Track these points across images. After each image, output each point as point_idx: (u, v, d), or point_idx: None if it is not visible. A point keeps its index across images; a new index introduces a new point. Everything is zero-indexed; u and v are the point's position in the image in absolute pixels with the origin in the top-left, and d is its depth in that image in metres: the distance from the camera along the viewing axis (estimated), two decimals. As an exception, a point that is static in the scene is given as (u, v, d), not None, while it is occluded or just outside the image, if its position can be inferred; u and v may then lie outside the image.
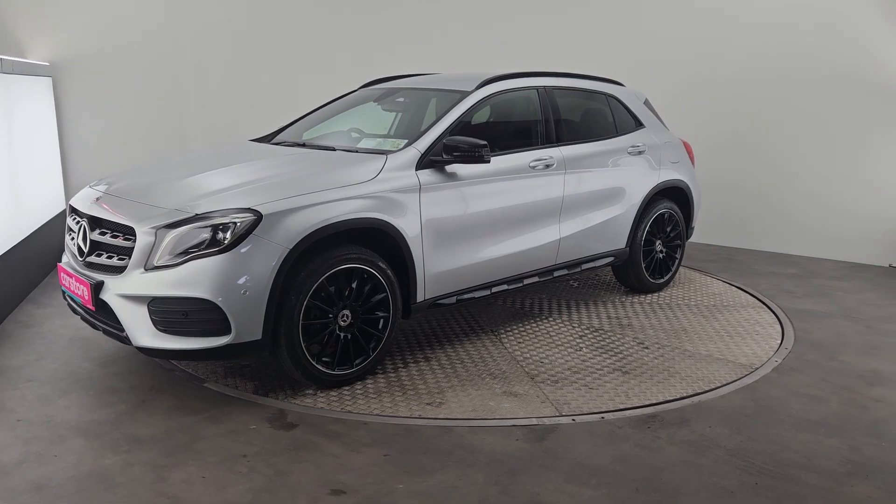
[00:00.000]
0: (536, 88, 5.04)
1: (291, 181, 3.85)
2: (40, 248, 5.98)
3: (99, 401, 3.79)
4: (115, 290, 3.57)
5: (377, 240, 3.99)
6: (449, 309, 5.28)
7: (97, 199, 3.97)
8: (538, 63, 6.13)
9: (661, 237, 5.78)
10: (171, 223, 3.52)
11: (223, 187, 3.81)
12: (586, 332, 4.92)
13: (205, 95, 8.19)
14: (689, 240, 6.29)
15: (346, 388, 3.94)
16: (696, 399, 3.91)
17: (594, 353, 4.53)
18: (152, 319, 3.50)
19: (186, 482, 3.01)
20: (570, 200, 4.99)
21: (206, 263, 3.44)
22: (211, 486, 2.99)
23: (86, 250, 3.82)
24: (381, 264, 3.94)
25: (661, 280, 5.88)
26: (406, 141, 4.33)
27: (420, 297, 4.20)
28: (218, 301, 3.42)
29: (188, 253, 3.47)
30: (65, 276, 3.94)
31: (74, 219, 4.07)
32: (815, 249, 7.24)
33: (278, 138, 5.08)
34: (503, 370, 4.25)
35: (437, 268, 4.24)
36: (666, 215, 5.75)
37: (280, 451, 3.28)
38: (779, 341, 4.79)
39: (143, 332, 3.52)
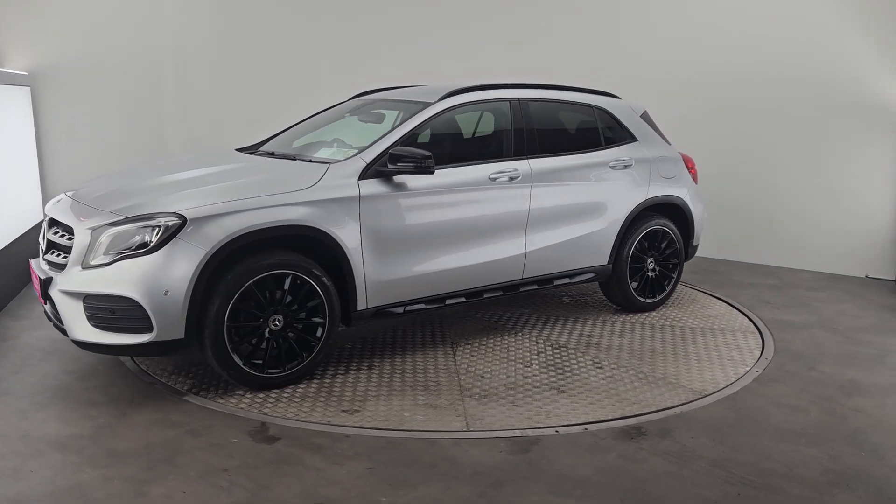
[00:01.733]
0: (509, 100, 4.98)
1: (229, 188, 3.99)
2: (16, 260, 5.90)
3: (77, 414, 3.73)
4: (58, 286, 3.80)
5: (315, 247, 4.07)
6: (415, 319, 5.33)
7: (58, 201, 4.32)
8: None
9: (652, 255, 5.58)
10: (103, 225, 3.74)
11: (164, 192, 3.99)
12: (548, 348, 4.80)
13: (185, 104, 8.15)
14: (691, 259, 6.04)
15: (276, 391, 4.01)
16: (678, 410, 3.93)
17: (542, 370, 4.42)
18: (86, 315, 3.71)
19: (167, 497, 2.97)
20: (539, 214, 4.90)
21: (132, 264, 3.63)
22: (192, 500, 2.95)
23: (43, 248, 4.12)
24: (316, 271, 4.00)
25: (654, 299, 5.66)
26: (356, 151, 4.38)
27: (362, 306, 4.24)
28: (140, 300, 3.60)
29: (122, 253, 3.66)
30: (32, 273, 4.20)
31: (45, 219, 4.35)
32: (792, 260, 7.32)
33: (263, 148, 5.11)
34: (438, 382, 4.23)
35: (381, 277, 4.26)
36: (659, 232, 5.56)
37: (262, 465, 3.25)
38: (756, 358, 4.74)
39: (78, 326, 3.74)
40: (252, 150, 5.12)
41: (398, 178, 4.32)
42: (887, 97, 6.74)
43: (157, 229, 3.66)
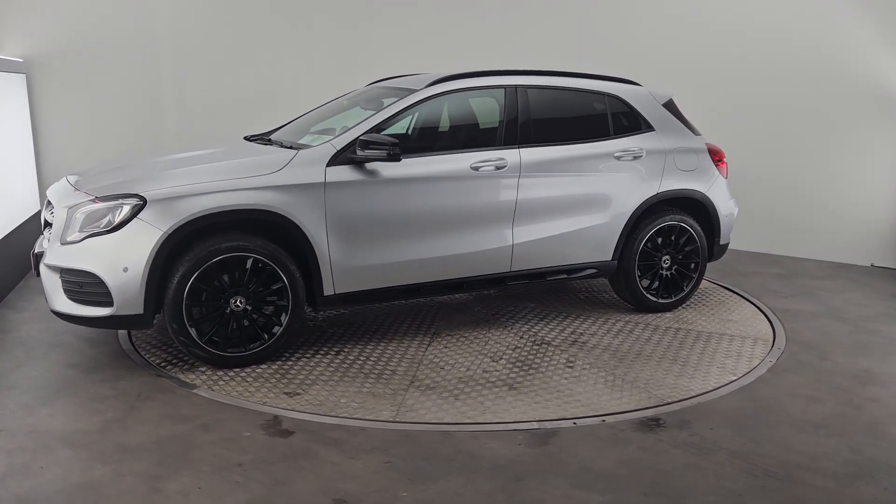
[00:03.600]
0: (504, 88, 4.83)
1: (196, 171, 4.13)
2: (14, 251, 5.79)
3: (85, 409, 3.65)
4: (44, 260, 4.05)
5: (278, 232, 4.12)
6: (409, 308, 5.29)
7: (59, 182, 4.55)
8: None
9: (668, 252, 5.25)
10: (77, 203, 3.98)
11: (139, 176, 4.15)
12: (528, 344, 4.64)
13: (183, 92, 8.02)
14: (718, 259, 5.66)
15: (235, 370, 4.10)
16: (694, 401, 3.89)
17: (508, 366, 4.29)
18: (63, 288, 3.97)
19: (182, 493, 2.91)
20: (529, 205, 4.73)
21: (97, 241, 3.87)
22: (207, 496, 2.89)
23: (42, 227, 4.38)
24: (279, 255, 4.06)
25: (668, 300, 5.32)
26: (328, 137, 4.42)
27: (328, 291, 4.27)
28: (101, 275, 3.82)
29: (92, 231, 3.89)
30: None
31: None
32: (797, 249, 7.29)
33: (274, 136, 5.09)
34: (395, 371, 4.19)
35: (349, 263, 4.27)
36: (676, 228, 5.23)
37: (277, 460, 3.19)
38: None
39: (56, 297, 4.00)
40: (263, 137, 5.08)
41: (371, 166, 4.29)
42: (893, 86, 6.69)
43: (119, 209, 3.87)
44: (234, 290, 4.02)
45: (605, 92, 5.19)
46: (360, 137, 4.23)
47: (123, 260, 3.82)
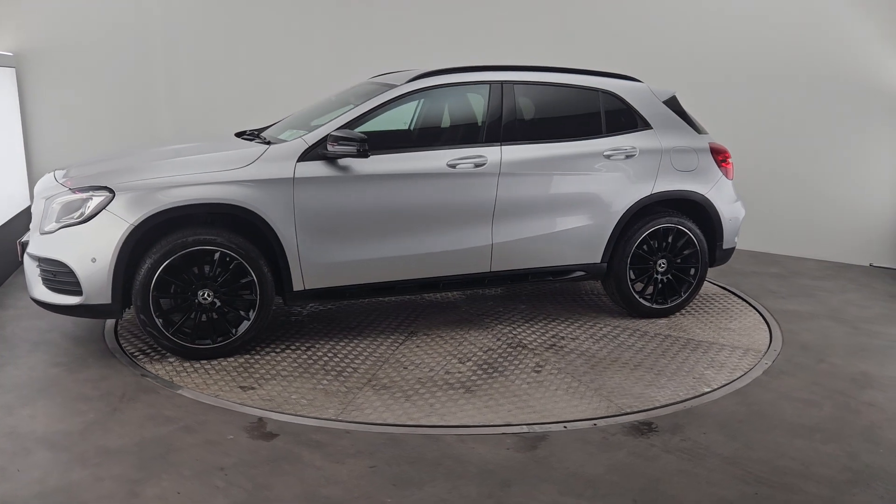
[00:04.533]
0: (490, 84, 4.70)
1: (169, 164, 4.17)
2: (1, 248, 5.72)
3: (67, 410, 3.59)
4: (27, 249, 4.18)
5: (246, 226, 4.16)
6: (391, 306, 5.24)
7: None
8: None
9: (664, 256, 5.04)
10: (54, 195, 4.08)
11: (114, 168, 4.22)
12: (502, 347, 4.53)
13: (175, 87, 7.94)
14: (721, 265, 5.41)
15: (202, 363, 4.14)
16: (687, 404, 3.82)
17: (473, 368, 4.19)
18: (41, 276, 4.08)
19: (161, 498, 2.84)
20: (509, 204, 4.60)
21: (70, 232, 3.96)
22: (187, 501, 2.82)
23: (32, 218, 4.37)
24: (246, 250, 4.09)
25: (665, 305, 5.12)
26: (304, 132, 4.40)
27: (298, 287, 4.27)
28: (71, 265, 3.91)
29: (66, 221, 3.98)
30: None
31: None
32: (796, 249, 7.22)
33: (266, 132, 5.03)
34: (356, 369, 4.16)
35: (319, 259, 4.25)
36: (672, 231, 5.02)
37: (260, 463, 3.12)
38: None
39: (35, 285, 4.11)
40: (254, 133, 5.03)
41: (344, 162, 4.26)
42: (893, 85, 6.61)
43: (90, 200, 3.96)
44: (201, 283, 4.07)
45: (600, 88, 4.99)
46: (331, 133, 4.20)
47: (92, 250, 3.90)
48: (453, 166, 4.49)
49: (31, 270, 4.13)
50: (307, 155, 4.22)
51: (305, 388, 3.89)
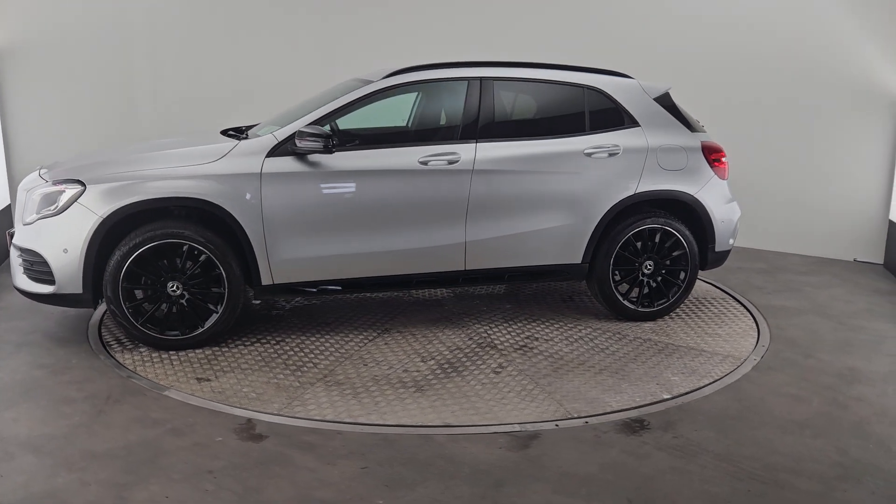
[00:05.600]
0: (468, 80, 4.64)
1: (141, 159, 4.28)
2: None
3: (51, 412, 3.52)
4: (13, 240, 4.31)
5: (214, 220, 4.21)
6: (374, 303, 5.21)
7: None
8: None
9: (651, 257, 4.91)
10: (34, 187, 4.22)
11: (89, 162, 4.34)
12: (470, 346, 4.47)
13: (159, 82, 7.83)
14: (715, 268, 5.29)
15: (169, 353, 4.23)
16: (679, 401, 3.82)
17: (433, 367, 4.14)
18: (22, 266, 4.23)
19: (149, 502, 2.80)
20: (483, 202, 4.54)
21: (45, 223, 4.10)
22: (176, 506, 2.78)
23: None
24: (213, 244, 4.15)
25: (650, 308, 4.98)
26: (276, 128, 4.43)
27: (266, 281, 4.32)
28: (44, 255, 4.07)
29: (43, 213, 4.11)
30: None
31: None
32: (780, 244, 7.25)
33: (253, 129, 4.95)
34: (316, 365, 4.16)
35: (287, 255, 4.29)
36: (658, 232, 4.89)
37: (250, 466, 3.08)
38: (754, 343, 4.59)
39: (17, 274, 4.28)
40: (240, 130, 4.96)
41: (314, 158, 4.28)
42: (877, 80, 6.66)
43: (62, 193, 4.09)
44: (170, 275, 4.16)
45: (585, 85, 4.87)
46: (299, 129, 4.22)
47: (63, 241, 4.04)
48: (425, 163, 4.45)
49: (14, 260, 4.28)
50: (276, 151, 4.25)
51: (259, 382, 3.90)
